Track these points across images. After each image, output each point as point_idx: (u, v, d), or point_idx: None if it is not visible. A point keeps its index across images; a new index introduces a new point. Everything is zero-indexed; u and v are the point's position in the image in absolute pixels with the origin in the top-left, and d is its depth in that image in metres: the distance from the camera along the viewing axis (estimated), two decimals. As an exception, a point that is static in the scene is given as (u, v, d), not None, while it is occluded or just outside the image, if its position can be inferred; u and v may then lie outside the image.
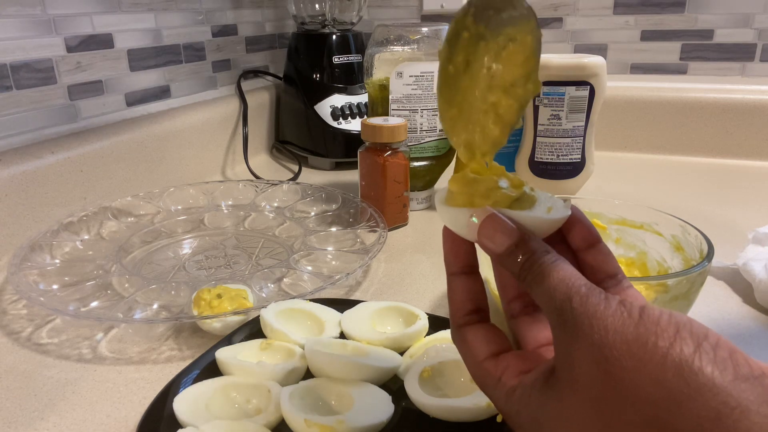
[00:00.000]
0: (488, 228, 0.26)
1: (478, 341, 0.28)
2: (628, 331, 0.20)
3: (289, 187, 0.73)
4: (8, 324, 0.48)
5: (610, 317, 0.21)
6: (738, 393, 0.18)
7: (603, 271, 0.28)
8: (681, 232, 0.43)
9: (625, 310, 0.21)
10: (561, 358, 0.23)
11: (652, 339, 0.20)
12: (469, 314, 0.29)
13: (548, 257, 0.25)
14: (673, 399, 0.19)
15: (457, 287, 0.29)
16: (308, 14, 0.96)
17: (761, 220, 0.60)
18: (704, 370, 0.18)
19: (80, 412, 0.38)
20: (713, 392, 0.18)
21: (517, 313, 0.30)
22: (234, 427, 0.32)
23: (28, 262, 0.52)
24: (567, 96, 0.63)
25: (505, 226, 0.26)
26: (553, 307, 0.23)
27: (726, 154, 0.91)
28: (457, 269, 0.29)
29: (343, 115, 0.91)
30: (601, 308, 0.21)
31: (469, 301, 0.29)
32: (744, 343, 0.44)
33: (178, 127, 0.81)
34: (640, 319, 0.20)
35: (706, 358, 0.19)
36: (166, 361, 0.43)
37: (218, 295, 0.45)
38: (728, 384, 0.18)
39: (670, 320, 0.20)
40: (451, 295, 0.29)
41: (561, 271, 0.24)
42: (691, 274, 0.37)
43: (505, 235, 0.26)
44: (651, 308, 0.21)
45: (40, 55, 0.66)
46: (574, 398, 0.22)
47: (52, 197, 0.63)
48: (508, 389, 0.26)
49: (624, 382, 0.20)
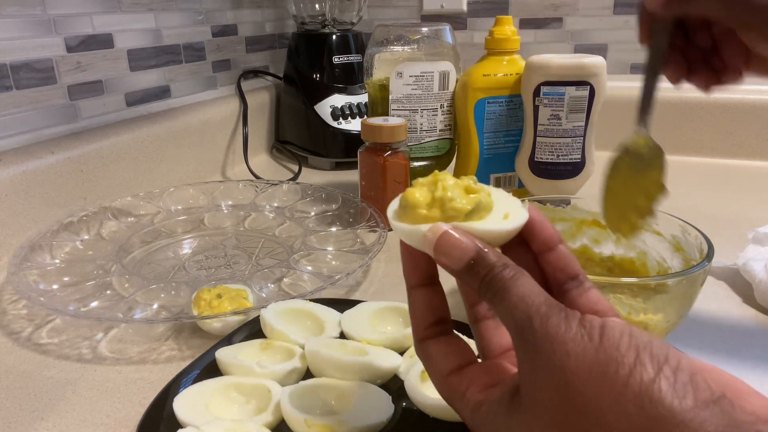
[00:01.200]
0: (443, 246, 0.25)
1: (441, 355, 0.28)
2: (589, 356, 0.20)
3: (289, 187, 0.73)
4: (8, 324, 0.48)
5: (570, 341, 0.21)
6: (698, 423, 0.18)
7: (565, 273, 0.28)
8: (681, 232, 0.43)
9: (585, 333, 0.21)
10: (524, 378, 0.23)
11: (612, 367, 0.20)
12: (430, 327, 0.28)
13: (507, 272, 0.24)
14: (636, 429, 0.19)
15: (418, 300, 0.28)
16: (308, 14, 0.96)
17: (761, 220, 0.60)
18: (664, 401, 0.18)
19: (80, 412, 0.38)
20: (673, 423, 0.18)
21: (480, 317, 0.30)
22: (234, 427, 0.32)
23: (28, 262, 0.52)
24: (567, 96, 0.63)
25: (461, 242, 0.25)
26: (513, 326, 0.23)
27: (726, 154, 0.91)
28: (417, 282, 0.29)
29: (343, 115, 0.91)
30: (562, 330, 0.21)
31: (430, 314, 0.28)
32: (744, 344, 0.44)
33: (178, 127, 0.81)
34: (601, 344, 0.20)
35: (666, 385, 0.19)
36: (166, 361, 0.43)
37: (218, 295, 0.45)
38: (688, 413, 0.18)
39: (630, 343, 0.20)
40: (412, 309, 0.29)
41: (521, 287, 0.24)
42: (691, 274, 0.37)
43: (461, 253, 0.25)
44: (611, 328, 0.21)
45: (40, 55, 0.66)
46: (539, 422, 0.22)
47: (52, 197, 0.63)
48: (473, 404, 0.25)
49: (586, 410, 0.20)
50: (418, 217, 0.27)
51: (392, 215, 0.28)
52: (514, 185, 0.71)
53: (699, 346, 0.43)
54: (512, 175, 0.71)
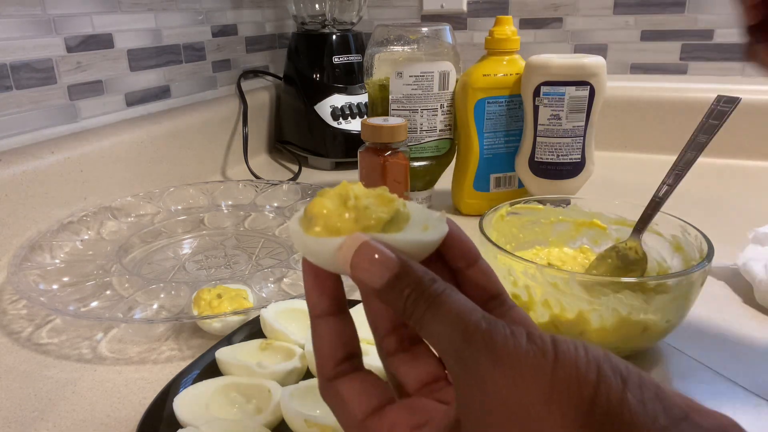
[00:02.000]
0: (362, 259, 0.21)
1: (355, 395, 0.23)
2: (546, 377, 0.18)
3: (289, 187, 0.73)
4: (8, 324, 0.48)
5: (522, 360, 0.18)
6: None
7: (486, 292, 0.25)
8: (681, 232, 0.43)
9: (537, 349, 0.18)
10: (467, 409, 0.20)
11: (574, 387, 0.17)
12: (340, 363, 0.24)
13: (436, 287, 0.21)
14: None
15: (325, 332, 0.24)
16: (308, 14, 0.96)
17: (761, 220, 0.60)
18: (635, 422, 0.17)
19: (80, 412, 0.38)
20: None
21: (393, 351, 0.26)
22: (234, 427, 0.32)
23: (28, 262, 0.52)
24: (567, 96, 0.63)
25: (383, 254, 0.21)
26: (450, 349, 0.20)
27: (726, 154, 0.91)
28: (323, 310, 0.25)
29: (343, 115, 0.91)
30: (511, 348, 0.18)
31: (340, 348, 0.24)
32: (745, 343, 0.44)
33: (178, 127, 0.81)
34: (557, 360, 0.18)
35: (634, 402, 0.17)
36: (166, 361, 0.43)
37: (218, 295, 0.45)
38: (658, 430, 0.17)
39: (588, 358, 0.18)
40: (317, 343, 0.25)
41: (454, 303, 0.20)
42: (691, 275, 0.37)
43: (383, 267, 0.21)
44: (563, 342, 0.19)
45: (40, 55, 0.66)
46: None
47: (52, 197, 0.63)
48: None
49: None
50: (329, 228, 0.23)
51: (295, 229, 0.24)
52: (514, 185, 0.71)
53: (699, 346, 0.43)
54: (512, 175, 0.71)
